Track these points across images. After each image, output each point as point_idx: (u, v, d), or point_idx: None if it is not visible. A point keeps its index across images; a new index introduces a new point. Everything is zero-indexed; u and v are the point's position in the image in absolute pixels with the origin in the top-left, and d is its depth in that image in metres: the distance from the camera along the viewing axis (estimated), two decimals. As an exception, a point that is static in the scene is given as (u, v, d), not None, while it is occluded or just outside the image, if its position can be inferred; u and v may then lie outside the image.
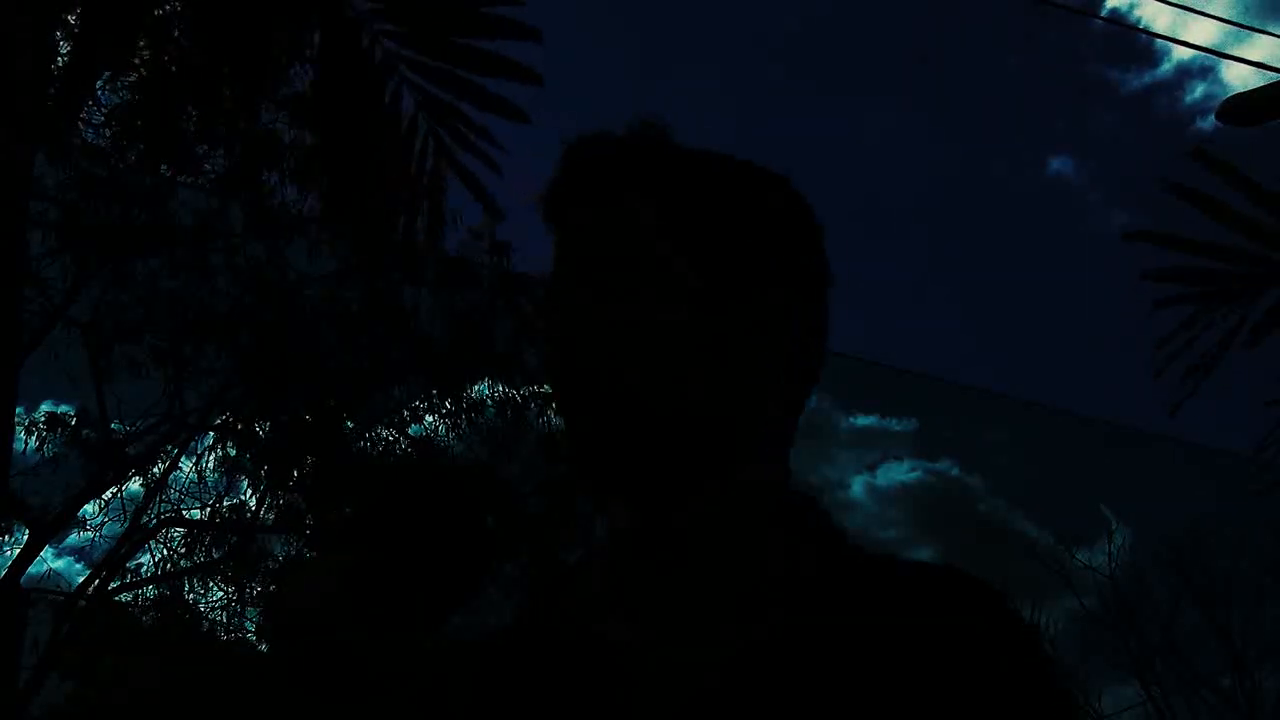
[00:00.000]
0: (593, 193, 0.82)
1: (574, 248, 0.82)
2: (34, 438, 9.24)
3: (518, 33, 2.92)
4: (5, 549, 9.07)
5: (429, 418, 10.12)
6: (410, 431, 10.11)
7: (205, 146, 8.23)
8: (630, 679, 0.74)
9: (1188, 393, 3.58)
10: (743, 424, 0.80)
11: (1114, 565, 17.61)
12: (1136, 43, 34.61)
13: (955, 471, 23.70)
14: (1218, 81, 27.09)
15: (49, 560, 9.59)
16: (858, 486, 24.68)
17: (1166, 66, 31.72)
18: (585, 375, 0.78)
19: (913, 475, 24.19)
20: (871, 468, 26.48)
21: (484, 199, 3.04)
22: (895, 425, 24.38)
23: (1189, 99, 29.54)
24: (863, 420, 24.97)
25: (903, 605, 0.74)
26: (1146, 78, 32.42)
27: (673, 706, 0.72)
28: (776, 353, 0.80)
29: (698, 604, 0.77)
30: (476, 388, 10.09)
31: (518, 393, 9.92)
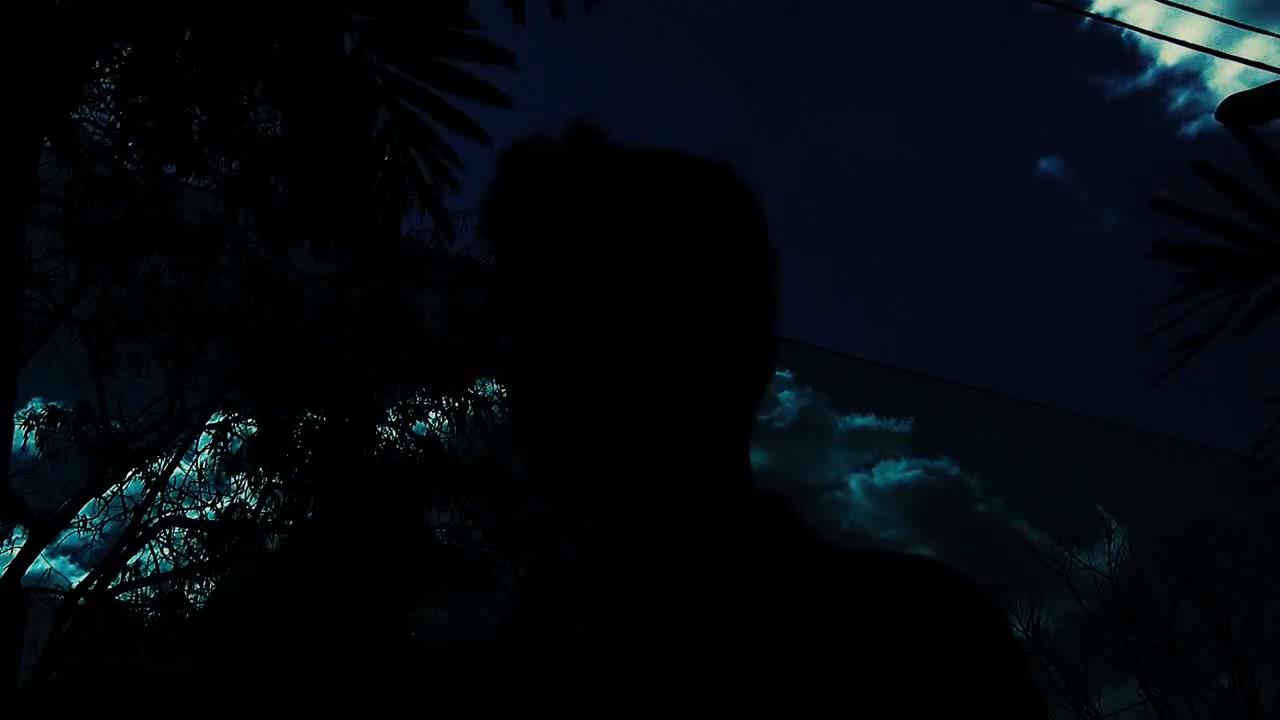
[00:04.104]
0: (536, 205, 0.80)
1: (525, 264, 0.80)
2: (33, 432, 9.23)
3: (492, 57, 3.01)
4: (5, 548, 9.07)
5: (433, 415, 10.10)
6: (415, 430, 10.07)
7: (210, 151, 8.22)
8: (606, 684, 0.75)
9: (1177, 364, 3.61)
10: (710, 426, 0.80)
11: (1113, 565, 17.62)
12: (1122, 47, 34.72)
13: (954, 471, 23.70)
14: (1202, 86, 27.22)
15: (43, 559, 9.60)
16: (855, 486, 24.70)
17: (1152, 71, 31.84)
18: (553, 393, 0.77)
19: (910, 474, 24.19)
20: (869, 467, 26.47)
21: (440, 218, 3.20)
22: (892, 425, 24.40)
23: (1174, 104, 29.63)
24: (859, 420, 24.98)
25: (874, 601, 0.74)
26: (1130, 84, 32.50)
27: (649, 711, 0.73)
28: (736, 352, 0.80)
29: (673, 606, 0.77)
30: (481, 386, 10.06)
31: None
